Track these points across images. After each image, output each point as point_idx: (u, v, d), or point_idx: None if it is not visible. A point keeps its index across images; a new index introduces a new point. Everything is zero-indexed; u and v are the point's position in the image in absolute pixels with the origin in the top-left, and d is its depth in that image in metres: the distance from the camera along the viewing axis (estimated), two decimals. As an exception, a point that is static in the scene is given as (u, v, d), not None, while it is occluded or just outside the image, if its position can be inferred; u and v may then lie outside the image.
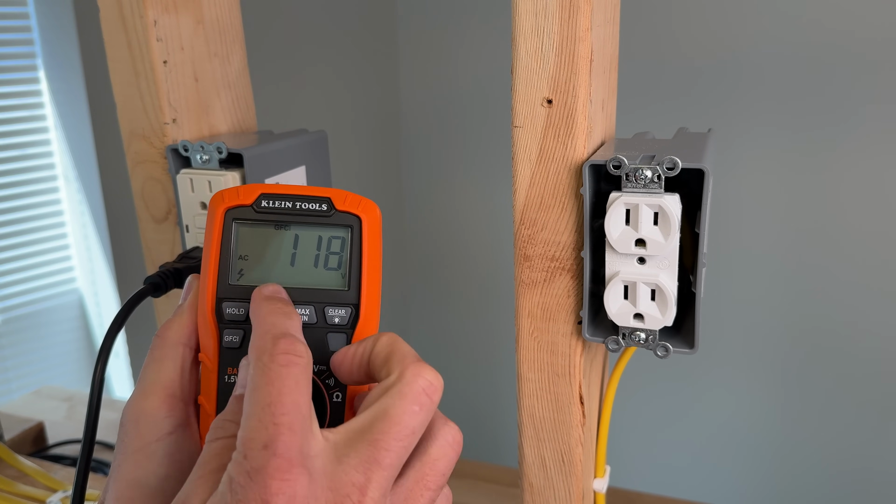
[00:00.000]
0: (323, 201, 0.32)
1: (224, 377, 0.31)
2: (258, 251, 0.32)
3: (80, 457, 0.36)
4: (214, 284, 0.32)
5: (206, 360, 0.32)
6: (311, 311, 0.32)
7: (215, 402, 0.31)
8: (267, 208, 0.32)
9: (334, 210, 0.32)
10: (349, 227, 0.32)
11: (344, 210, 0.32)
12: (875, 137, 1.38)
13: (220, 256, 0.32)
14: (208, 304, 0.32)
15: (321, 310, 0.32)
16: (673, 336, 0.40)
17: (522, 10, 0.36)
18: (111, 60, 0.47)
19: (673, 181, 0.36)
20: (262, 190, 0.32)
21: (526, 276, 0.41)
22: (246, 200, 0.32)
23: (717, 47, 1.46)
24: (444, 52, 1.76)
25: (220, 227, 0.32)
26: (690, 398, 1.68)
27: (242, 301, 0.32)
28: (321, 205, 0.32)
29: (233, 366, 0.31)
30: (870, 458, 1.55)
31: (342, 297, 0.32)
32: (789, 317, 1.54)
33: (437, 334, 1.97)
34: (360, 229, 0.32)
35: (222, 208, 0.32)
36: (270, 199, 0.32)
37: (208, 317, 0.32)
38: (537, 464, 0.44)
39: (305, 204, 0.32)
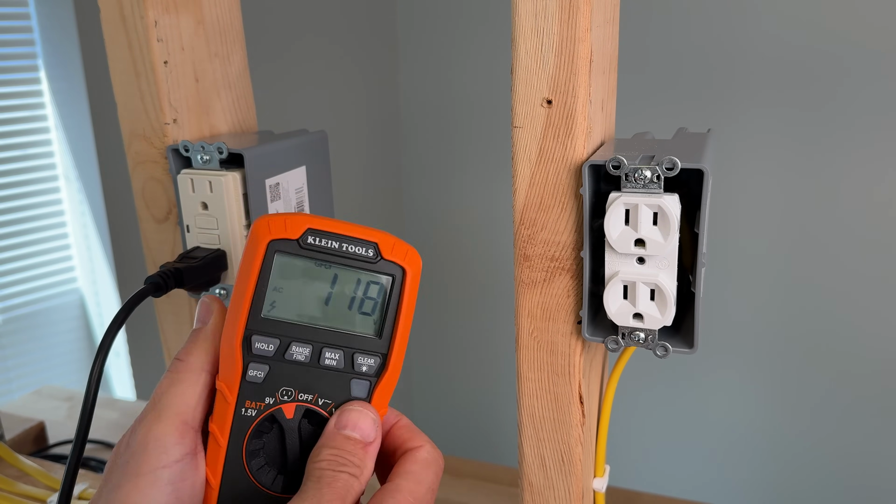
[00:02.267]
0: (370, 246, 0.32)
1: (241, 410, 0.31)
2: (295, 286, 0.31)
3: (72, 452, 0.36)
4: (246, 315, 0.31)
5: (224, 389, 0.31)
6: (340, 356, 0.32)
7: (228, 433, 0.31)
8: (312, 245, 0.31)
9: (380, 258, 0.32)
10: (391, 276, 0.32)
11: (390, 259, 0.32)
12: (875, 137, 1.38)
13: (256, 287, 0.31)
14: (238, 335, 0.31)
15: (350, 356, 0.32)
16: (672, 336, 0.40)
17: (522, 11, 0.36)
18: (112, 61, 0.47)
19: (672, 181, 0.36)
20: (309, 224, 0.31)
21: (526, 276, 0.41)
22: (292, 234, 0.31)
23: (718, 47, 1.46)
24: (444, 53, 1.76)
25: (262, 257, 0.31)
26: (690, 398, 1.69)
27: (272, 336, 0.31)
28: (367, 250, 0.31)
29: (252, 399, 0.31)
30: (869, 457, 1.55)
31: (373, 345, 0.32)
32: (788, 316, 1.54)
33: (438, 334, 1.97)
34: (403, 281, 0.32)
35: (267, 238, 0.31)
36: (317, 236, 0.31)
37: (236, 347, 0.31)
38: (537, 463, 0.44)
39: (352, 247, 0.31)
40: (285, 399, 0.31)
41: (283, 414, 0.31)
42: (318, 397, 0.31)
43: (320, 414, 0.31)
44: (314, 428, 0.32)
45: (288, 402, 0.31)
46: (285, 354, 0.31)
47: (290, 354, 0.31)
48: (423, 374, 2.01)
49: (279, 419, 0.31)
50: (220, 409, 0.31)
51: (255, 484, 0.31)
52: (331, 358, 0.31)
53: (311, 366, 0.31)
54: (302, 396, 0.31)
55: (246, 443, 0.31)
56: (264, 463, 0.31)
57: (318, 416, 0.31)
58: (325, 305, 0.32)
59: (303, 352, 0.31)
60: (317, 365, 0.31)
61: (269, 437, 0.31)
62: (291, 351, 0.31)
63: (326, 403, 0.32)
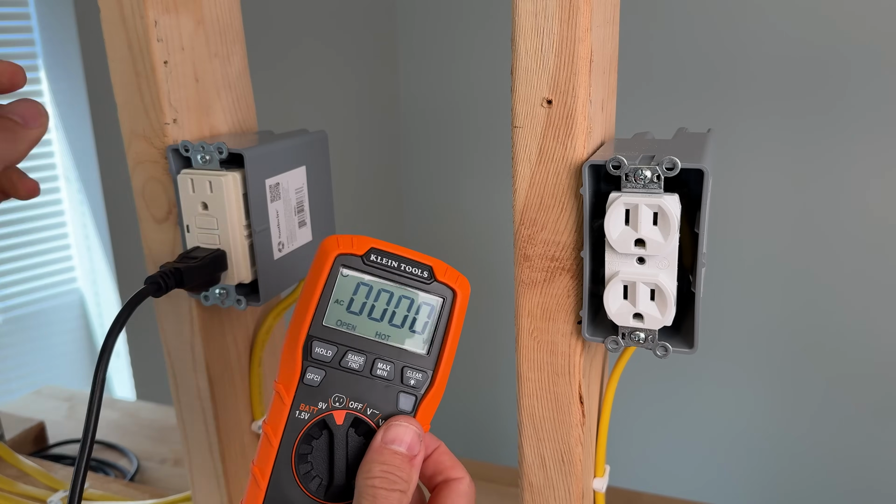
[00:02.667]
0: (425, 269, 0.34)
1: (296, 412, 0.33)
2: (355, 300, 0.34)
3: (79, 455, 0.36)
4: (310, 322, 0.33)
5: (282, 391, 0.33)
6: (391, 368, 0.34)
7: (281, 434, 0.32)
8: (374, 262, 0.34)
9: (434, 279, 0.34)
10: (443, 297, 0.35)
11: (442, 281, 0.34)
12: (876, 137, 1.38)
13: (320, 297, 0.33)
14: (300, 339, 0.33)
15: (400, 369, 0.34)
16: (672, 336, 0.40)
17: (522, 11, 0.36)
18: (112, 61, 0.47)
19: (672, 181, 0.36)
20: (373, 244, 0.34)
21: (526, 276, 0.41)
22: (357, 251, 0.34)
23: (718, 47, 1.46)
24: (444, 53, 1.76)
25: (329, 270, 0.33)
26: (690, 398, 1.69)
27: (331, 343, 0.33)
28: (423, 271, 0.34)
29: (306, 402, 0.33)
30: (868, 456, 1.55)
31: (422, 361, 0.34)
32: (788, 316, 1.54)
33: (438, 334, 1.97)
34: (453, 302, 0.35)
35: (335, 253, 0.33)
36: (380, 255, 0.34)
37: (297, 351, 0.33)
38: (537, 463, 0.44)
39: (409, 267, 0.34)
40: (337, 405, 0.33)
41: (334, 420, 0.33)
42: (367, 407, 0.33)
43: (367, 423, 0.33)
44: (360, 438, 0.33)
45: (339, 409, 0.33)
46: (341, 362, 0.33)
47: (345, 362, 0.33)
48: (423, 374, 2.01)
49: (329, 425, 0.33)
50: (275, 410, 0.33)
51: (300, 488, 0.32)
52: (382, 369, 0.33)
53: (364, 375, 0.33)
54: (353, 405, 0.33)
55: (296, 446, 0.32)
56: (311, 468, 0.33)
57: (364, 425, 0.33)
58: (380, 320, 0.34)
59: (357, 360, 0.33)
60: (369, 375, 0.33)
61: (318, 443, 0.33)
62: (347, 359, 0.33)
63: (374, 414, 0.33)
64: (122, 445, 0.90)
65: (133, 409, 1.02)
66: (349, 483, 0.33)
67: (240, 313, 0.54)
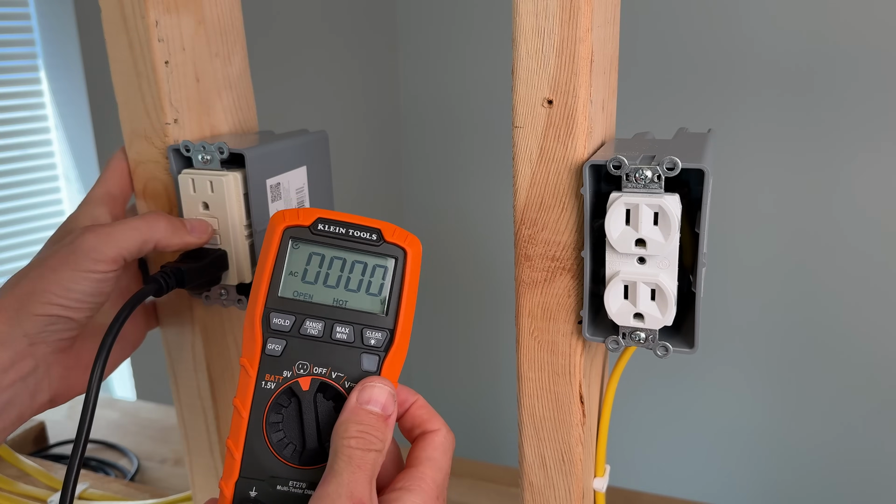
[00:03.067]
0: (373, 232, 0.35)
1: (262, 383, 0.34)
2: (308, 269, 0.35)
3: (73, 451, 0.36)
4: (265, 294, 0.34)
5: (246, 364, 0.34)
6: (350, 330, 0.34)
7: (250, 405, 0.33)
8: (322, 231, 0.35)
9: (383, 241, 0.35)
10: (394, 257, 0.35)
11: (391, 241, 0.35)
12: (876, 137, 1.38)
13: (273, 269, 0.34)
14: (257, 313, 0.34)
15: (360, 331, 0.34)
16: (673, 336, 0.40)
17: (523, 11, 0.37)
18: (112, 61, 0.47)
19: (673, 181, 0.36)
20: (319, 214, 0.35)
21: (526, 276, 0.41)
22: (304, 222, 0.34)
23: (717, 47, 1.46)
24: (445, 53, 1.76)
25: (278, 242, 0.34)
26: (690, 398, 1.69)
27: (288, 313, 0.34)
28: (371, 234, 0.35)
29: (271, 373, 0.34)
30: (868, 456, 1.55)
31: (380, 321, 0.35)
32: (789, 316, 1.54)
33: (438, 334, 1.97)
34: (404, 261, 0.35)
35: (282, 226, 0.35)
36: (327, 223, 0.35)
37: (256, 324, 0.34)
38: (537, 463, 0.44)
39: (357, 232, 0.35)
40: (301, 372, 0.34)
41: (300, 386, 0.34)
42: (332, 370, 0.34)
43: (334, 387, 0.34)
44: (329, 402, 0.34)
45: (304, 376, 0.34)
46: (300, 330, 0.34)
47: (304, 329, 0.34)
48: (424, 373, 2.01)
49: (296, 392, 0.33)
50: (242, 384, 0.34)
51: (275, 456, 0.33)
52: (342, 332, 0.34)
53: (324, 340, 0.34)
54: (317, 370, 0.34)
55: (266, 415, 0.33)
56: (283, 436, 0.34)
57: (332, 389, 0.34)
58: (336, 287, 0.35)
59: (316, 326, 0.34)
60: (329, 339, 0.34)
61: (288, 412, 0.34)
62: (306, 326, 0.34)
63: (339, 377, 0.34)
64: (123, 445, 0.90)
65: (133, 408, 1.02)
66: (322, 446, 0.33)
67: (241, 313, 0.54)
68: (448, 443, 0.35)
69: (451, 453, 0.35)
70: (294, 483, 0.33)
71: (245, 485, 0.33)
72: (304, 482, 0.33)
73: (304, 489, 0.33)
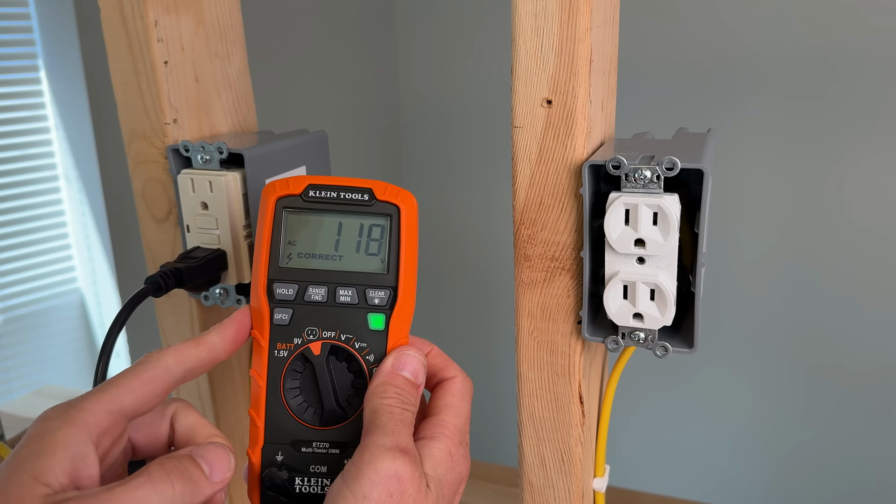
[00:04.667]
0: (365, 192, 0.35)
1: (274, 352, 0.34)
2: (305, 237, 0.35)
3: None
4: (266, 266, 0.34)
5: (258, 336, 0.34)
6: (353, 292, 0.35)
7: (266, 375, 0.34)
8: (314, 198, 0.35)
9: (375, 200, 0.35)
10: (388, 215, 0.35)
11: (384, 200, 0.35)
12: (876, 137, 1.38)
13: (271, 241, 0.35)
14: (261, 285, 0.34)
15: (363, 291, 0.35)
16: (672, 336, 0.40)
17: (522, 11, 0.36)
18: (112, 61, 0.47)
19: (672, 181, 0.36)
20: (309, 181, 0.35)
21: (526, 276, 0.41)
22: (295, 190, 0.35)
23: (717, 47, 1.46)
24: (444, 52, 1.76)
25: (272, 214, 0.35)
26: (689, 398, 1.69)
27: (291, 282, 0.35)
28: (363, 195, 0.35)
29: (282, 341, 0.34)
30: (870, 456, 1.55)
31: (382, 280, 0.35)
32: (789, 316, 1.54)
33: (438, 334, 1.97)
34: (399, 218, 0.35)
35: (274, 197, 0.35)
36: (317, 189, 0.35)
37: (261, 296, 0.34)
38: (537, 463, 0.44)
39: (349, 194, 0.35)
40: (311, 338, 0.34)
41: (311, 352, 0.34)
42: (341, 333, 0.34)
43: (345, 349, 0.34)
44: (342, 363, 0.35)
45: (314, 341, 0.34)
46: (304, 297, 0.34)
47: (308, 296, 0.34)
48: (423, 374, 2.01)
49: (309, 357, 0.34)
50: (256, 355, 0.34)
51: (296, 420, 0.34)
52: (345, 295, 0.35)
53: (329, 305, 0.34)
54: (326, 334, 0.34)
55: (283, 382, 0.34)
56: (302, 400, 0.34)
57: (343, 351, 0.35)
58: (334, 250, 0.35)
59: (319, 292, 0.34)
60: (334, 303, 0.34)
61: (304, 377, 0.34)
62: (309, 293, 0.34)
63: (349, 338, 0.34)
64: (123, 445, 0.90)
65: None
66: (340, 406, 0.34)
67: (240, 313, 0.54)
68: (466, 388, 0.36)
69: (469, 398, 0.36)
70: (318, 444, 0.34)
71: (271, 450, 0.34)
72: (326, 442, 0.34)
73: (327, 449, 0.34)
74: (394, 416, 0.32)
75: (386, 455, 0.30)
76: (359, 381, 0.35)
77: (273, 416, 0.34)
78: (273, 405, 0.34)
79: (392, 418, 0.32)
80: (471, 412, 0.36)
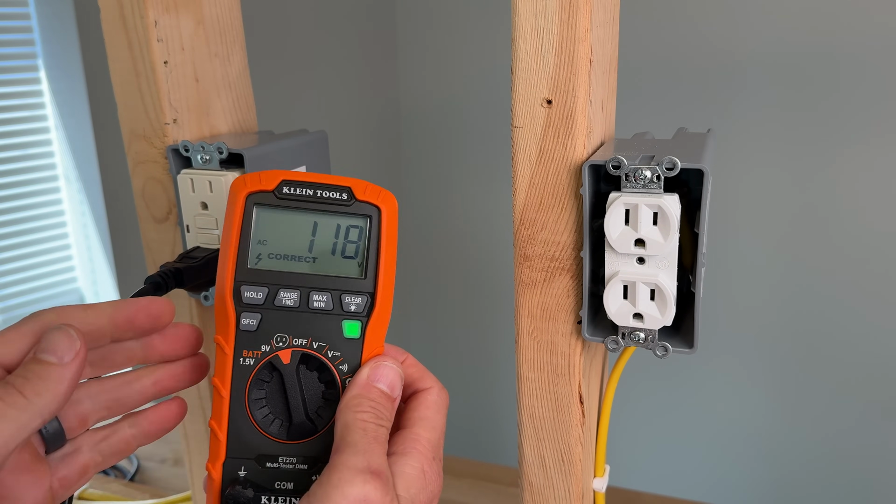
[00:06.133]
0: (343, 190, 0.33)
1: (239, 360, 0.32)
2: (277, 236, 0.33)
3: None
4: (234, 268, 0.32)
5: (221, 342, 0.32)
6: (327, 297, 0.32)
7: (230, 384, 0.32)
8: (288, 195, 0.32)
9: (354, 199, 0.33)
10: (368, 216, 0.33)
11: (364, 200, 0.33)
12: (876, 138, 1.38)
13: (240, 240, 0.32)
14: (227, 287, 0.32)
15: (338, 297, 0.32)
16: (672, 336, 0.40)
17: (522, 11, 0.36)
18: (112, 61, 0.47)
19: (672, 181, 0.36)
20: (283, 176, 0.32)
21: (526, 276, 0.41)
22: (268, 186, 0.32)
23: (718, 47, 1.46)
24: (444, 52, 1.76)
25: (242, 211, 0.32)
26: (689, 398, 1.69)
27: (260, 285, 0.32)
28: (341, 194, 0.33)
29: (248, 348, 0.32)
30: (869, 456, 1.55)
31: (358, 285, 0.33)
32: (788, 316, 1.54)
33: (438, 334, 1.97)
34: (379, 219, 0.33)
35: (244, 192, 0.32)
36: (292, 185, 0.32)
37: (227, 300, 0.32)
38: (537, 463, 0.44)
39: (326, 192, 0.33)
40: (280, 345, 0.32)
41: (280, 360, 0.32)
42: (313, 340, 0.32)
43: (317, 358, 0.32)
44: (313, 373, 0.33)
45: (284, 349, 0.32)
46: (275, 301, 0.32)
47: (279, 300, 0.32)
48: (423, 374, 2.01)
49: (277, 366, 0.32)
50: (219, 362, 0.32)
51: (261, 433, 0.32)
52: (319, 300, 0.32)
53: (301, 310, 0.32)
54: (296, 341, 0.32)
55: (248, 392, 0.32)
56: (269, 412, 0.32)
57: (315, 360, 0.32)
58: (308, 252, 0.33)
59: (291, 297, 0.32)
60: (306, 309, 0.32)
61: (271, 386, 0.32)
62: (280, 297, 0.32)
63: (321, 346, 0.32)
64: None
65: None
66: (310, 419, 0.32)
67: (240, 313, 0.54)
68: (441, 401, 0.34)
69: (444, 411, 0.34)
70: (284, 459, 0.32)
71: (233, 465, 0.31)
72: (294, 457, 0.32)
73: (295, 464, 0.32)
74: (367, 433, 0.30)
75: (356, 478, 0.28)
76: (330, 392, 0.32)
77: (237, 428, 0.32)
78: (237, 417, 0.32)
79: (365, 436, 0.30)
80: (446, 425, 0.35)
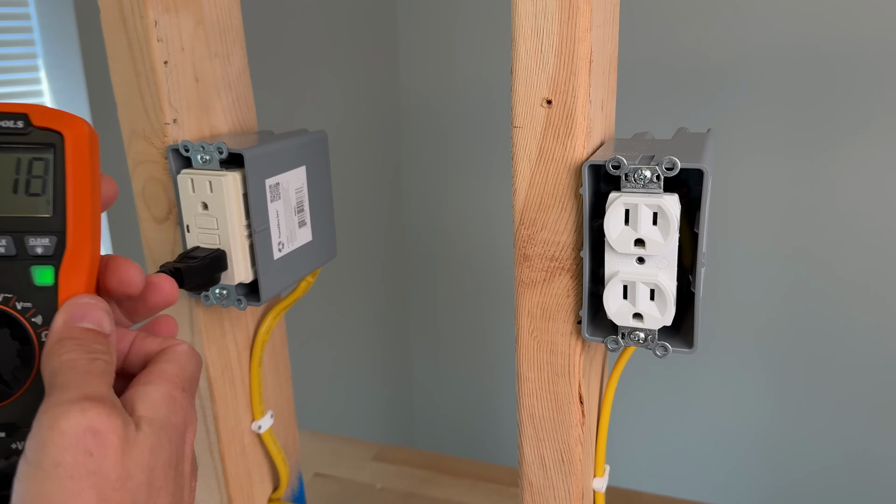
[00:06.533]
0: (19, 118, 0.29)
1: None
2: None
3: None
4: None
5: None
6: (8, 241, 0.28)
7: None
8: None
9: (32, 127, 0.29)
10: (51, 145, 0.29)
11: (44, 126, 0.29)
12: (875, 138, 1.38)
13: None
14: None
15: (20, 240, 0.29)
16: (672, 335, 0.40)
17: (522, 11, 0.36)
18: (112, 61, 0.47)
19: (672, 181, 0.36)
20: None
21: (526, 276, 0.41)
22: None
23: (717, 47, 1.46)
24: (444, 52, 1.76)
25: None
26: (689, 397, 1.69)
27: None
28: (17, 122, 0.29)
29: None
30: (869, 456, 1.55)
31: (45, 224, 0.29)
32: (788, 316, 1.54)
33: (438, 334, 1.97)
34: (63, 147, 0.29)
35: None
36: None
37: None
38: (537, 463, 0.44)
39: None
40: None
41: None
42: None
43: (5, 312, 0.28)
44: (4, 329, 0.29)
45: None
46: None
47: None
48: (423, 373, 2.01)
49: None
50: None
51: None
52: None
53: None
54: None
55: None
56: None
57: (3, 315, 0.29)
58: None
59: None
60: None
61: None
62: None
63: (7, 298, 0.29)
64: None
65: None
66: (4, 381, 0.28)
67: (240, 313, 0.54)
68: (192, 351, 0.31)
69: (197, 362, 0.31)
70: None
71: None
72: None
73: None
74: (77, 368, 0.26)
75: (72, 409, 0.24)
76: (26, 350, 0.28)
77: None
78: None
79: (75, 371, 0.26)
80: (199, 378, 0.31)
